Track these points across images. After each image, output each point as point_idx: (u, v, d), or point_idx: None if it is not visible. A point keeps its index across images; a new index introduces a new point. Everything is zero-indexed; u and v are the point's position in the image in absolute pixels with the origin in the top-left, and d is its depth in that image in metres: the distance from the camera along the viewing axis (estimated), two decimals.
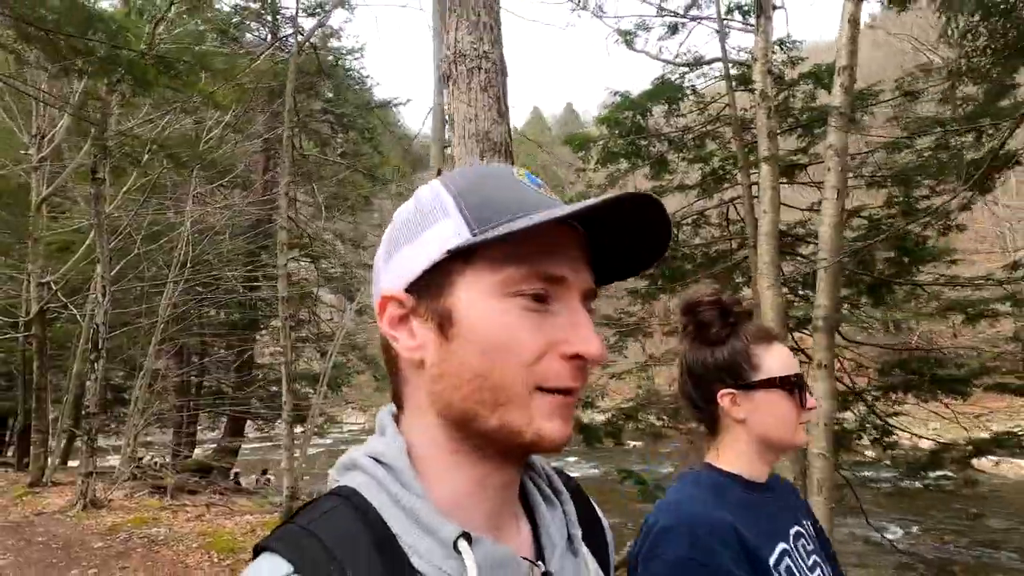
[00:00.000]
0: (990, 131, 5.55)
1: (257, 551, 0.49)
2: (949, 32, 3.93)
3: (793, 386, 1.11)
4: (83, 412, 8.03)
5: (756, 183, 5.84)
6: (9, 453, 14.31)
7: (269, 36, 14.40)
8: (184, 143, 8.95)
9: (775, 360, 1.12)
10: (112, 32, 5.64)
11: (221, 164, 12.01)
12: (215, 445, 15.84)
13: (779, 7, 6.11)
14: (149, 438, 14.00)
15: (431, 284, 0.52)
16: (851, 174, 6.46)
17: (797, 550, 1.06)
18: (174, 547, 5.40)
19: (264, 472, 15.27)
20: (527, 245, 0.50)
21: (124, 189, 10.30)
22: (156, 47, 6.32)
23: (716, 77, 7.18)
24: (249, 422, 16.20)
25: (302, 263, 15.48)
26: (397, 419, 0.57)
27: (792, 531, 1.09)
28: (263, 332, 16.14)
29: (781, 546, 1.04)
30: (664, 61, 7.30)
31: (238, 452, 15.83)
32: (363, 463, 0.53)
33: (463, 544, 0.48)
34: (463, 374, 0.51)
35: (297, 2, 11.10)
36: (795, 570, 1.02)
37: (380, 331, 0.55)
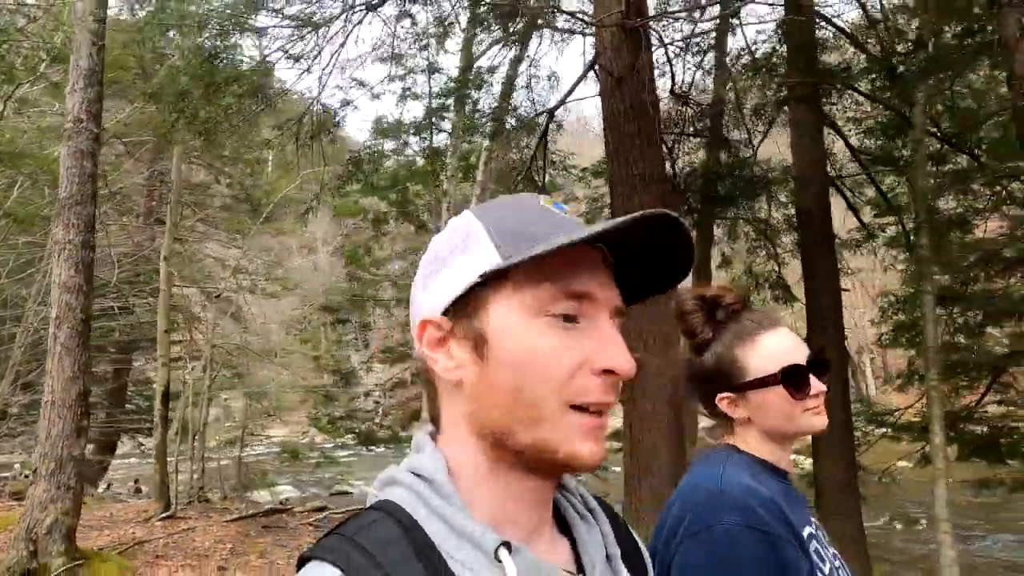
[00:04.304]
0: None
1: (303, 561, 0.51)
2: None
3: (787, 379, 1.07)
4: None
5: None
6: None
7: None
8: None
9: (761, 358, 1.09)
10: None
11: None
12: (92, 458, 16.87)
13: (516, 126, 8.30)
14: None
15: (466, 307, 0.55)
16: None
17: (818, 535, 1.06)
18: None
19: (136, 481, 16.42)
20: (553, 266, 0.53)
21: None
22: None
23: None
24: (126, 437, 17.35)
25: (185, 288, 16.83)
26: (434, 438, 0.59)
27: (812, 519, 1.08)
28: (141, 352, 17.34)
29: (808, 529, 1.03)
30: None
31: (108, 465, 16.89)
32: (403, 478, 0.55)
33: (503, 552, 0.50)
34: (498, 392, 0.53)
35: None
36: (822, 553, 1.02)
37: (420, 354, 0.57)
